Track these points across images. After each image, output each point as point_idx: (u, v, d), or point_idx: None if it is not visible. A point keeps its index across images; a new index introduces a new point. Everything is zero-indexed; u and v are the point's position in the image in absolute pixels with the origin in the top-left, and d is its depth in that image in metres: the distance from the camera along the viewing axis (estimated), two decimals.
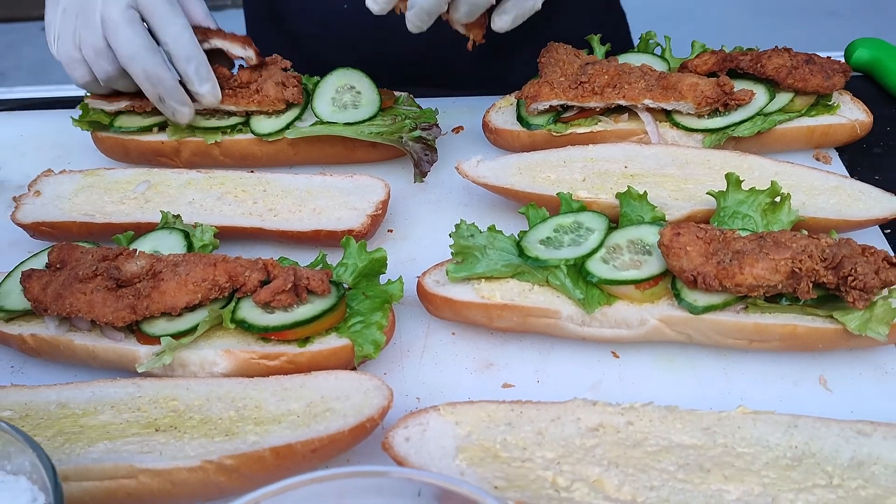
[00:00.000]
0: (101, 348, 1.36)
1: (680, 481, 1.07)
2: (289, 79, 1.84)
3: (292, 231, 1.60)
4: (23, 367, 1.47)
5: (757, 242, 1.31)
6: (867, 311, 1.27)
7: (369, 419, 1.17)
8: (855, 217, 1.51)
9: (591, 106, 1.76)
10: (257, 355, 1.32)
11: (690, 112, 1.74)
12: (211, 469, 1.12)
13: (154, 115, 1.86)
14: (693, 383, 1.35)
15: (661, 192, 1.58)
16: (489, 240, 1.42)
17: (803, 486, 1.06)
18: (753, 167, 1.62)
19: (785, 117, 1.74)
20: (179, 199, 1.69)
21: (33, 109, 2.22)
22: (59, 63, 1.79)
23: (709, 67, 1.80)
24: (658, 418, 1.15)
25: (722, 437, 1.12)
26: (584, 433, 1.14)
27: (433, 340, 1.45)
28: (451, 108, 2.04)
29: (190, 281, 1.35)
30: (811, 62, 1.75)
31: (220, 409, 1.23)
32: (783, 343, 1.32)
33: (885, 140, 1.93)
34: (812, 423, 1.14)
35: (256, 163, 1.85)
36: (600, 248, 1.39)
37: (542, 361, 1.40)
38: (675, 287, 1.34)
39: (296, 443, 1.14)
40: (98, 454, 1.15)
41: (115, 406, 1.25)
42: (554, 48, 1.84)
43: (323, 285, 1.35)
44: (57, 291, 1.36)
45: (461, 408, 1.18)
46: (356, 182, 1.70)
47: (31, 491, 0.91)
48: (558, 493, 1.05)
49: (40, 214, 1.67)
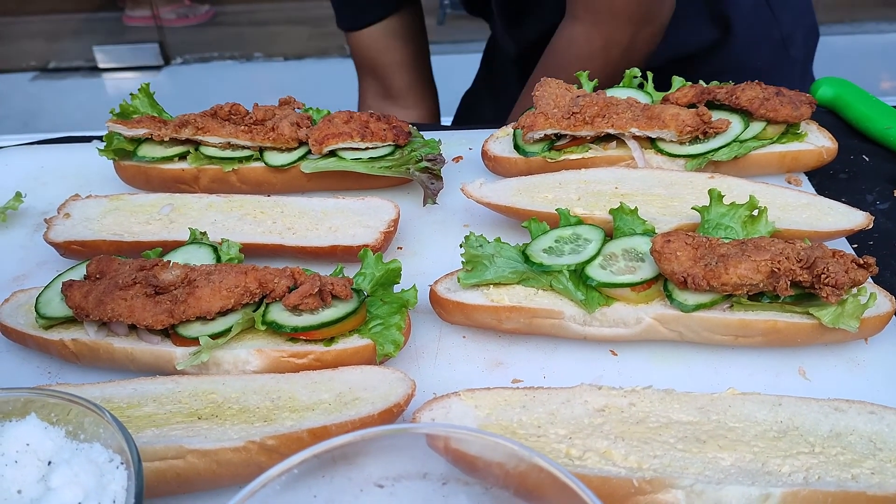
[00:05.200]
0: (140, 350, 1.47)
1: (680, 451, 1.19)
2: (302, 119, 1.99)
3: (311, 247, 1.73)
4: (59, 372, 1.56)
5: (739, 247, 1.45)
6: (839, 306, 1.41)
7: (396, 405, 1.28)
8: (825, 229, 1.66)
9: (583, 134, 1.93)
10: (287, 354, 1.43)
11: (673, 139, 1.90)
12: (254, 449, 1.22)
13: (175, 145, 2.00)
14: (685, 376, 1.48)
15: (650, 208, 1.73)
16: (497, 249, 1.55)
17: (789, 453, 1.18)
18: (732, 187, 1.78)
19: (759, 144, 1.91)
20: (202, 220, 1.81)
21: (52, 144, 2.34)
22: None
23: (688, 99, 1.97)
24: (657, 399, 1.28)
25: (715, 414, 1.25)
26: (591, 413, 1.26)
27: (446, 343, 1.57)
28: (450, 140, 2.20)
29: (223, 287, 1.46)
30: (781, 94, 1.93)
31: (256, 400, 1.34)
32: (766, 338, 1.45)
33: (849, 167, 2.10)
34: (794, 401, 1.27)
35: (272, 189, 1.98)
36: (598, 256, 1.53)
37: (547, 360, 1.52)
38: (667, 288, 1.48)
39: (330, 425, 1.24)
40: (147, 438, 1.25)
41: (157, 399, 1.35)
42: (547, 83, 2.01)
43: (346, 290, 1.48)
44: (98, 298, 1.47)
45: (479, 393, 1.30)
46: (367, 203, 1.83)
47: (107, 453, 1.01)
48: (572, 462, 1.16)
49: (71, 234, 1.78)
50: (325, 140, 1.92)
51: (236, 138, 1.96)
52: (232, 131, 1.97)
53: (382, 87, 2.96)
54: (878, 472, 1.15)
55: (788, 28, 2.62)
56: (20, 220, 2.01)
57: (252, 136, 1.97)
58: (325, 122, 1.96)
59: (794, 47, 2.65)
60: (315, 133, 1.93)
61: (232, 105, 2.04)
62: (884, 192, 2.01)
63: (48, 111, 6.63)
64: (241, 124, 2.00)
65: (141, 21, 7.88)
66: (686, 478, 1.12)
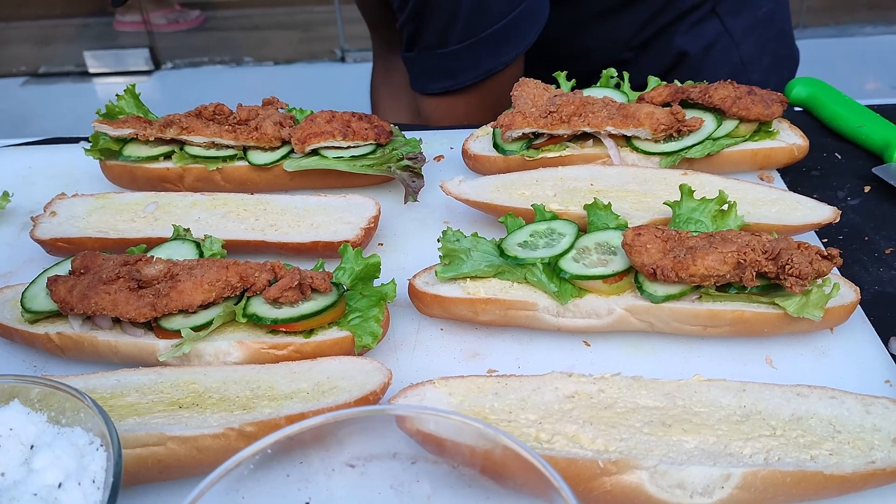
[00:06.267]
0: (123, 343, 1.50)
1: (645, 434, 1.23)
2: (285, 119, 2.03)
3: (293, 243, 1.76)
4: (45, 365, 1.59)
5: (707, 239, 1.49)
6: (803, 296, 1.46)
7: (372, 393, 1.32)
8: (794, 223, 1.70)
9: (560, 133, 1.97)
10: (267, 345, 1.46)
11: (648, 137, 1.94)
12: (233, 436, 1.25)
13: (160, 145, 2.03)
14: (656, 366, 1.52)
15: (623, 204, 1.77)
16: (473, 244, 1.59)
17: (751, 436, 1.22)
18: (704, 184, 1.82)
19: (731, 141, 1.96)
20: (186, 218, 1.84)
21: (40, 145, 2.37)
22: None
23: (663, 98, 2.02)
24: (626, 386, 1.31)
25: (681, 399, 1.29)
26: (561, 399, 1.30)
27: (424, 336, 1.61)
28: (431, 139, 2.24)
29: (205, 281, 1.50)
30: (752, 93, 1.97)
31: (236, 389, 1.37)
32: (733, 328, 1.49)
33: (821, 164, 2.15)
34: (758, 387, 1.31)
35: (255, 188, 2.02)
36: (571, 250, 1.57)
37: (522, 350, 1.56)
38: (638, 280, 1.52)
39: (308, 412, 1.28)
40: (129, 426, 1.28)
41: (140, 390, 1.38)
42: (525, 83, 2.06)
43: (325, 284, 1.51)
44: (82, 293, 1.50)
45: (453, 381, 1.33)
46: (349, 201, 1.87)
47: (87, 436, 1.05)
48: (541, 445, 1.20)
49: (57, 232, 1.81)
50: (307, 139, 1.96)
51: (220, 138, 2.00)
52: (216, 131, 2.00)
53: (385, 36, 3.05)
54: (836, 452, 1.19)
55: (749, 54, 2.69)
56: (8, 218, 2.04)
57: (236, 135, 2.01)
58: (307, 121, 1.99)
59: (757, 72, 2.72)
60: (297, 132, 1.97)
61: (216, 105, 2.08)
62: (854, 188, 2.05)
63: (39, 116, 6.66)
64: (225, 124, 2.04)
65: (131, 26, 7.91)
66: (650, 459, 1.16)
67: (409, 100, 2.93)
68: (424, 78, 2.49)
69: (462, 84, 2.42)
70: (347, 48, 7.67)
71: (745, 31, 2.67)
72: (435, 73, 2.44)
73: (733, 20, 2.66)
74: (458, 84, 2.42)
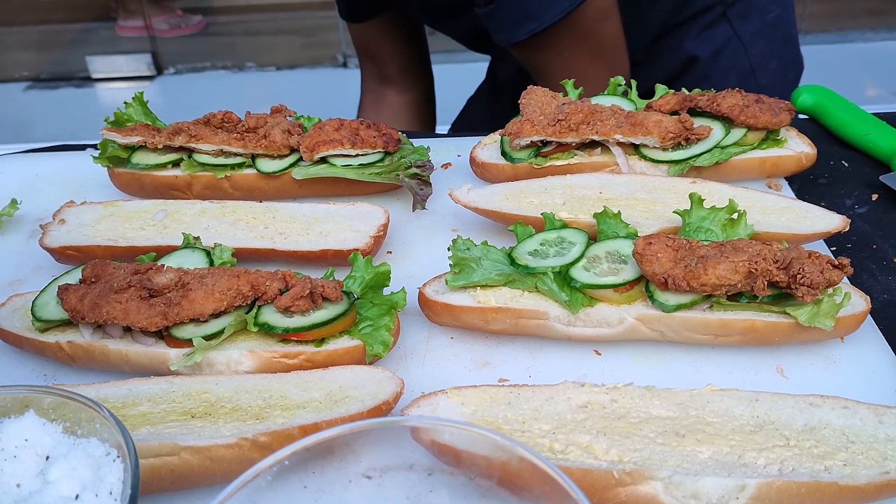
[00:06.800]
0: (134, 352, 1.50)
1: (659, 444, 1.23)
2: (294, 127, 2.03)
3: (302, 251, 1.76)
4: (56, 374, 1.59)
5: (718, 248, 1.50)
6: (814, 305, 1.46)
7: (384, 402, 1.32)
8: (803, 231, 1.71)
9: (568, 141, 1.97)
10: (278, 354, 1.46)
11: (656, 145, 1.95)
12: (246, 446, 1.25)
13: (168, 152, 2.04)
14: (666, 375, 1.52)
15: (632, 212, 1.78)
16: (483, 252, 1.60)
17: (765, 446, 1.22)
18: (713, 192, 1.83)
19: (739, 150, 1.96)
20: (195, 226, 1.85)
21: (47, 152, 2.37)
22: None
23: (671, 107, 2.02)
24: (638, 396, 1.32)
25: (694, 409, 1.29)
26: (574, 409, 1.30)
27: (434, 344, 1.61)
28: (439, 147, 2.24)
29: (216, 290, 1.50)
30: (760, 102, 1.98)
31: (248, 399, 1.37)
32: (744, 337, 1.50)
33: (828, 172, 2.16)
34: (771, 397, 1.31)
35: (263, 196, 2.02)
36: (582, 258, 1.57)
37: (532, 359, 1.56)
38: (649, 289, 1.52)
39: (321, 422, 1.28)
40: (142, 436, 1.28)
41: (152, 399, 1.38)
42: (533, 91, 2.06)
43: (336, 292, 1.51)
44: (94, 301, 1.50)
45: (466, 391, 1.33)
46: (357, 209, 1.87)
47: (104, 447, 1.05)
48: (555, 455, 1.20)
49: (66, 240, 1.82)
50: (315, 147, 1.96)
51: (229, 146, 2.00)
52: (224, 139, 2.00)
53: (379, 71, 3.10)
54: (850, 463, 1.19)
55: (758, 58, 2.70)
56: (16, 226, 2.04)
57: (244, 143, 2.01)
58: (315, 129, 2.00)
59: (764, 76, 2.72)
60: (306, 140, 1.97)
61: (224, 113, 2.08)
62: (862, 196, 2.06)
63: (41, 121, 6.66)
64: (234, 132, 2.04)
65: (133, 31, 7.93)
66: (665, 469, 1.16)
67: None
68: (509, 26, 2.37)
69: (545, 23, 2.30)
70: (349, 54, 7.68)
71: (754, 35, 2.68)
72: (517, 19, 2.34)
73: (743, 24, 2.66)
74: (542, 24, 2.30)
